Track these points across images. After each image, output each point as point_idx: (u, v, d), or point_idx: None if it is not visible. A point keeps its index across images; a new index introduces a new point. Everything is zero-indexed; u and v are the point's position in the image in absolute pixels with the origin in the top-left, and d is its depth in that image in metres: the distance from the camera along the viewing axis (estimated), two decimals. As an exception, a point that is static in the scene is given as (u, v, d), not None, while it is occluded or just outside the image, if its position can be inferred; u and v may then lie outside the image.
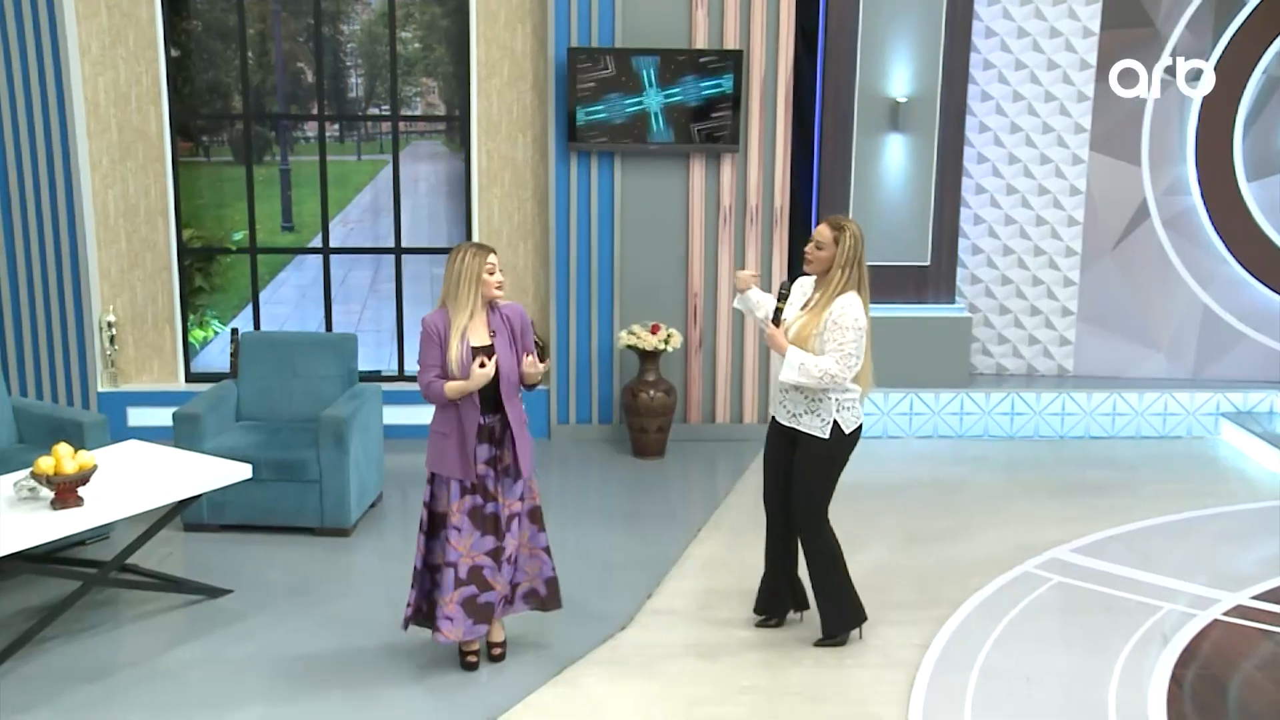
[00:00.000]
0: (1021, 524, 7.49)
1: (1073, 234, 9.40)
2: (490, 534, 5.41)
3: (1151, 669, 5.66)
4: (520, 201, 8.96)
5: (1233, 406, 9.32)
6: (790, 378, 5.45)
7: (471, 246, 5.30)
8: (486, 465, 5.38)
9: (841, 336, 5.41)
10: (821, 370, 5.43)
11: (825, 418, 5.56)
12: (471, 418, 5.31)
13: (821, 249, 5.48)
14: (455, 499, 5.37)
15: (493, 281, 5.32)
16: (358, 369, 7.71)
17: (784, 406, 5.62)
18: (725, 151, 8.66)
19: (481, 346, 5.31)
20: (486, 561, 5.41)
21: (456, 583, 5.37)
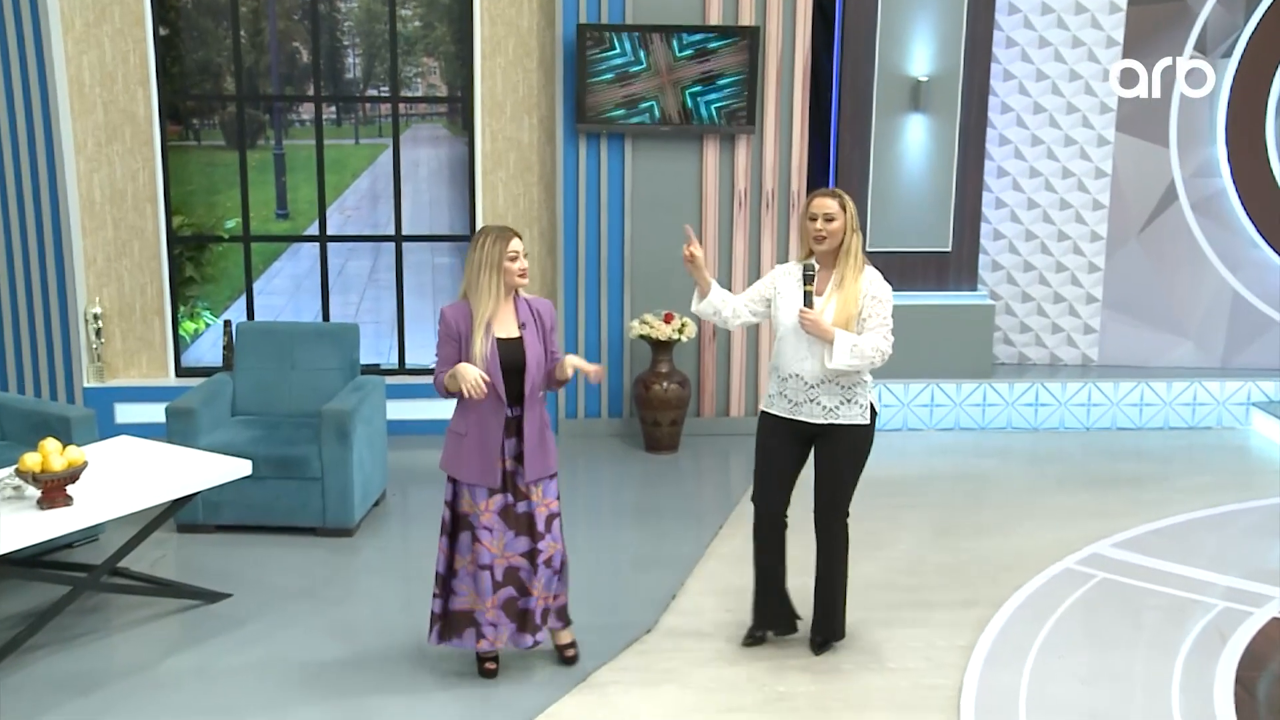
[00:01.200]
0: (1056, 518, 7.15)
1: (1098, 218, 9.06)
2: (524, 534, 5.06)
3: (1214, 671, 5.33)
4: (526, 186, 8.59)
5: (1264, 395, 8.99)
6: (843, 363, 5.07)
7: (493, 231, 4.94)
8: (514, 461, 5.03)
9: (884, 310, 5.17)
10: (874, 349, 5.10)
11: (863, 403, 5.23)
12: (495, 416, 4.97)
13: (833, 220, 5.10)
14: (483, 499, 5.02)
15: (515, 269, 4.94)
16: (359, 361, 7.33)
17: (816, 403, 5.19)
18: (740, 133, 8.30)
19: (509, 339, 4.96)
20: (522, 564, 5.06)
21: (494, 585, 5.03)
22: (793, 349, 5.19)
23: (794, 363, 5.18)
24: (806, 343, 5.14)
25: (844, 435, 5.23)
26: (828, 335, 5.06)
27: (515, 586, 5.06)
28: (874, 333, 5.13)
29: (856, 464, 5.30)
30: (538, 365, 4.98)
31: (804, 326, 5.09)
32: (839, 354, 5.05)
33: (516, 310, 5.01)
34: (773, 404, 5.31)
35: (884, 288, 5.21)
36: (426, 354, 8.89)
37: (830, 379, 5.16)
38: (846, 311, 5.12)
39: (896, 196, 8.67)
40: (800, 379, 5.18)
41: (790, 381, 5.21)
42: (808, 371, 5.16)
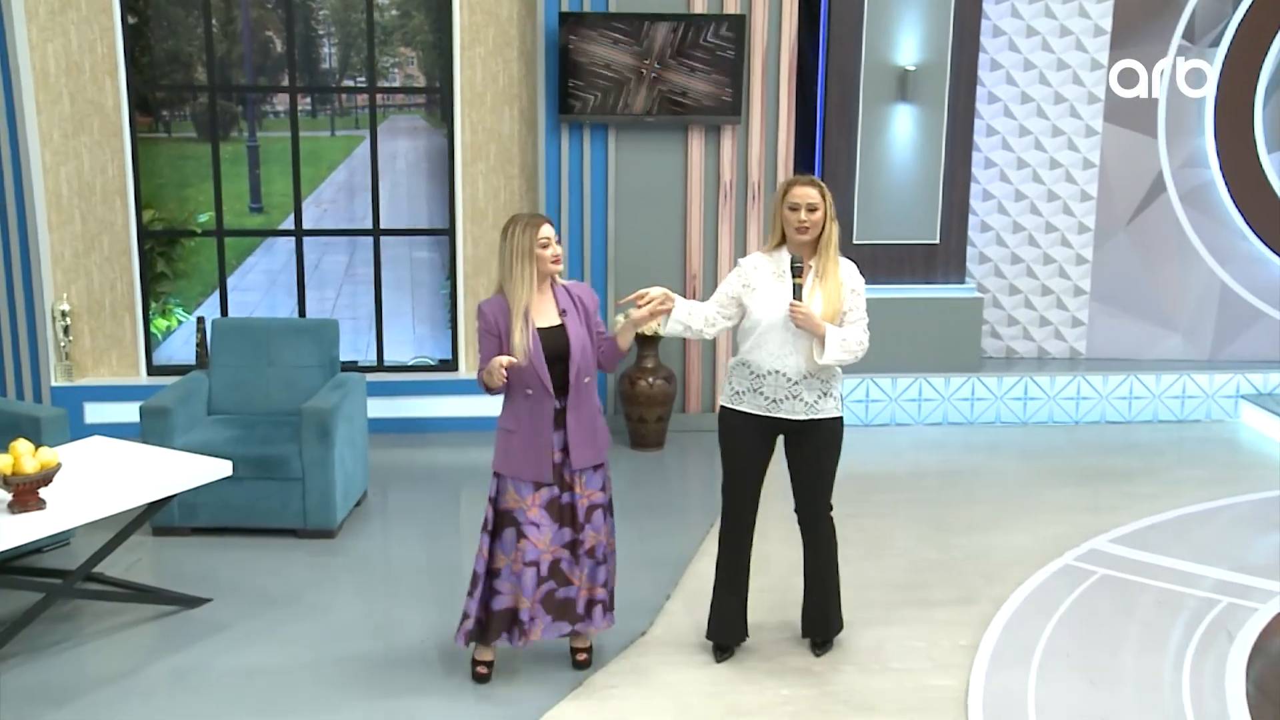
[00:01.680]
0: (1052, 513, 7.04)
1: (1086, 209, 8.96)
2: (567, 525, 4.94)
3: (1223, 670, 5.21)
4: (507, 178, 8.41)
5: (1253, 388, 8.92)
6: (834, 357, 4.92)
7: (522, 219, 4.80)
8: (562, 453, 4.90)
9: (862, 303, 5.06)
10: (858, 342, 4.99)
11: (837, 395, 5.11)
12: (543, 409, 4.83)
13: (815, 210, 4.92)
14: (529, 493, 4.87)
15: (548, 255, 4.80)
16: (339, 358, 7.13)
17: (798, 399, 5.02)
18: (725, 123, 8.14)
19: (551, 328, 4.83)
20: (564, 555, 4.95)
21: (539, 580, 4.90)
22: (776, 344, 5.00)
23: (776, 359, 5.00)
24: (792, 338, 4.96)
25: (822, 429, 5.08)
26: (819, 330, 4.90)
27: (556, 579, 4.94)
28: (855, 325, 5.01)
29: (836, 457, 5.17)
30: (582, 351, 4.85)
31: (796, 322, 4.91)
32: (830, 349, 4.90)
33: (556, 298, 4.89)
34: (741, 400, 5.11)
35: (860, 280, 5.10)
36: (405, 351, 8.70)
37: (814, 374, 5.00)
38: (832, 304, 4.96)
39: (883, 188, 8.54)
40: (782, 375, 5.00)
41: (770, 378, 5.02)
42: (791, 367, 4.99)
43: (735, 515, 5.23)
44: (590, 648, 5.23)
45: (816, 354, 4.92)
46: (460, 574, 6.20)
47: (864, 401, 8.56)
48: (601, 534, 5.00)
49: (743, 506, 5.21)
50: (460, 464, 8.01)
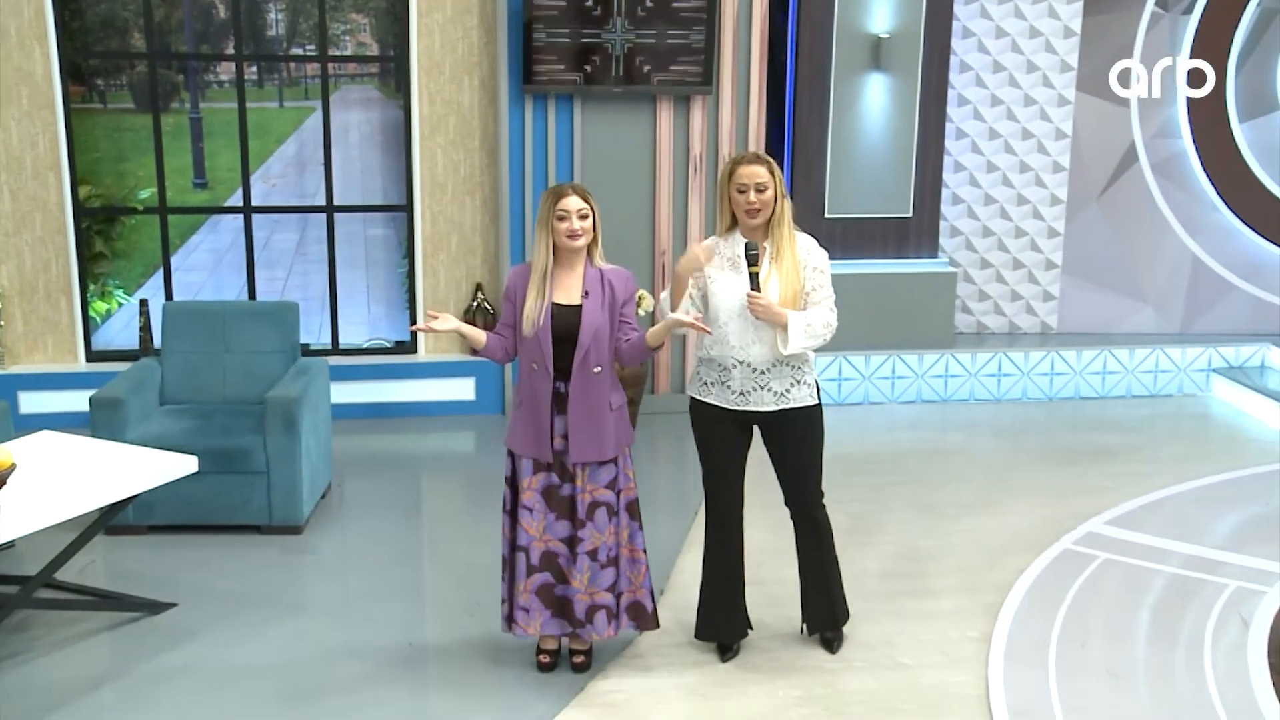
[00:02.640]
0: (1042, 495, 6.86)
1: (1058, 181, 8.79)
2: (565, 518, 4.70)
3: (1244, 658, 5.05)
4: (467, 151, 8.04)
5: (1224, 361, 8.82)
6: (799, 346, 4.66)
7: (552, 188, 4.64)
8: (564, 439, 4.66)
9: (827, 281, 4.79)
10: (824, 324, 4.73)
11: (810, 382, 4.85)
12: (543, 387, 4.62)
13: (765, 190, 4.64)
14: (528, 474, 4.68)
15: (563, 229, 4.56)
16: (299, 342, 6.75)
17: (767, 390, 4.76)
18: (696, 95, 7.84)
19: (567, 305, 4.60)
20: (561, 549, 4.71)
21: (529, 569, 4.69)
22: (738, 335, 4.72)
23: (739, 350, 4.73)
24: (754, 328, 4.69)
25: (799, 418, 4.83)
26: (780, 319, 4.63)
27: (553, 573, 4.72)
28: (820, 307, 4.74)
29: (818, 446, 4.93)
30: (594, 337, 4.58)
31: (755, 313, 4.63)
32: (795, 338, 4.64)
33: (585, 278, 4.63)
34: (710, 393, 4.84)
35: (822, 255, 4.82)
36: (360, 333, 8.32)
37: (781, 362, 4.74)
38: (791, 288, 4.68)
39: (856, 160, 8.29)
40: (748, 366, 4.74)
41: (736, 370, 4.75)
42: (756, 358, 4.72)
43: (721, 510, 4.99)
44: (589, 650, 4.96)
45: (781, 344, 4.66)
46: (436, 567, 5.91)
47: (836, 380, 8.34)
48: (606, 535, 4.73)
49: (728, 501, 4.97)
50: (424, 451, 7.68)
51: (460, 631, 5.24)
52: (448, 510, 6.81)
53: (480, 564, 5.86)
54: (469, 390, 8.11)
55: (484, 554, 6.00)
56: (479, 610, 5.39)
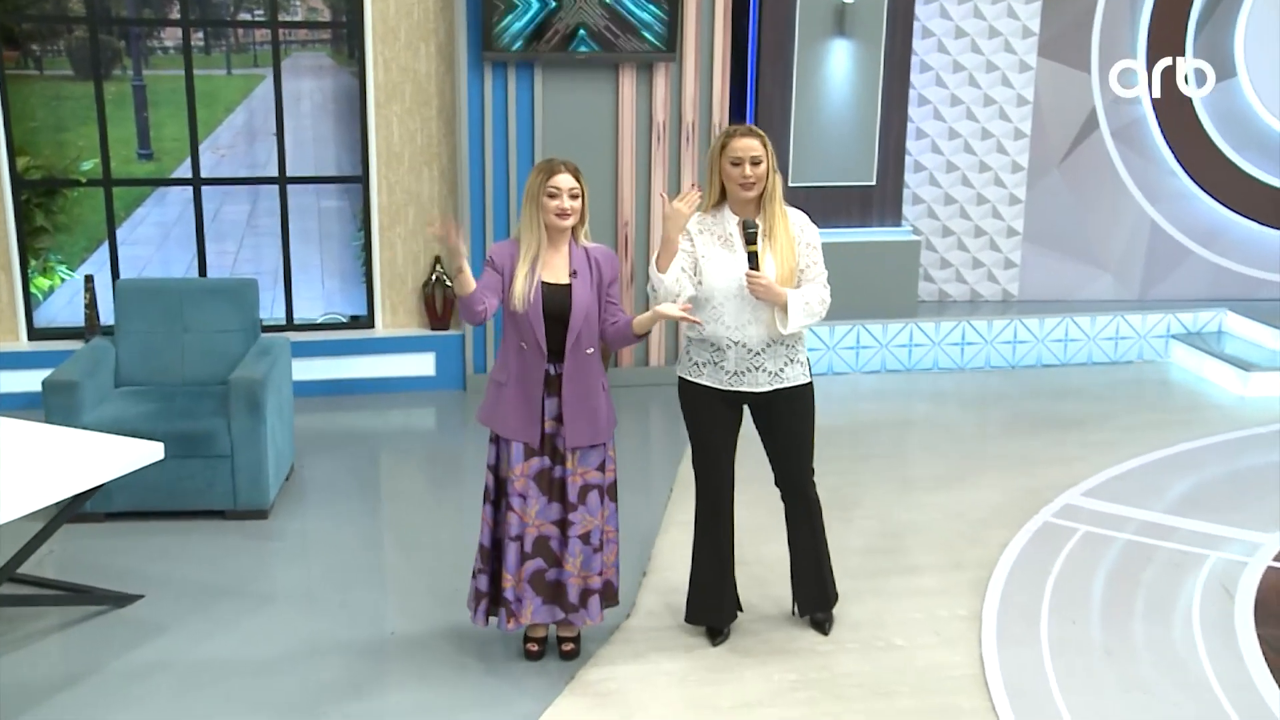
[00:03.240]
0: (1015, 466, 6.83)
1: (1019, 147, 8.74)
2: (556, 501, 4.56)
3: (1233, 631, 5.04)
4: (424, 120, 7.83)
5: (1183, 327, 8.86)
6: (799, 325, 4.56)
7: (543, 163, 4.46)
8: (554, 422, 4.51)
9: (819, 257, 4.69)
10: (821, 302, 4.65)
11: (803, 360, 4.75)
12: (535, 369, 4.46)
13: (760, 163, 4.52)
14: (519, 461, 4.51)
15: (552, 206, 4.39)
16: (260, 320, 6.54)
17: (761, 370, 4.65)
18: (659, 61, 7.68)
19: (556, 285, 4.45)
20: (553, 532, 4.58)
21: (522, 557, 4.54)
22: (734, 315, 4.60)
23: (735, 330, 4.61)
24: (751, 308, 4.58)
25: (790, 398, 4.73)
26: (780, 299, 4.51)
27: (544, 557, 4.59)
28: (815, 284, 4.64)
29: (810, 424, 4.83)
30: (586, 317, 4.45)
31: (755, 293, 4.51)
32: (795, 317, 4.54)
33: (570, 256, 4.48)
34: (701, 373, 4.72)
35: (814, 231, 4.72)
36: (314, 307, 8.10)
37: (776, 341, 4.64)
38: (787, 264, 4.57)
39: (820, 129, 8.18)
40: (743, 347, 4.63)
41: (731, 351, 4.64)
42: (753, 338, 4.62)
43: (712, 491, 4.87)
44: (578, 637, 4.84)
45: (780, 324, 4.55)
46: (408, 551, 5.75)
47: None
48: (597, 519, 4.61)
49: (719, 481, 4.85)
50: (386, 429, 7.50)
51: (441, 619, 5.09)
52: (414, 491, 6.64)
53: (453, 548, 5.72)
54: (429, 366, 7.93)
55: (456, 537, 5.87)
56: (459, 597, 5.23)
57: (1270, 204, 8.97)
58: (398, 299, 7.99)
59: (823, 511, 4.97)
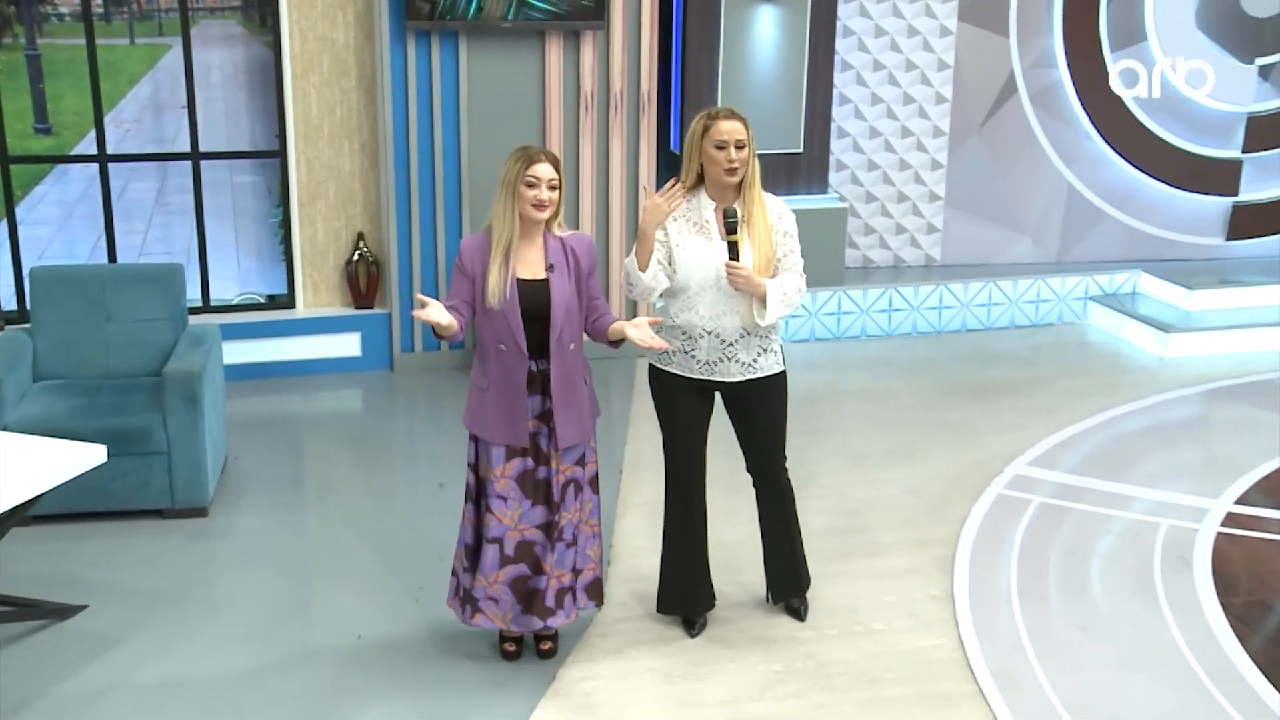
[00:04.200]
0: (960, 437, 6.85)
1: (940, 112, 8.74)
2: (541, 504, 4.40)
3: (1198, 602, 5.12)
4: (344, 92, 7.53)
5: (1100, 289, 8.98)
6: (776, 316, 4.48)
7: (521, 150, 4.24)
8: (538, 421, 4.35)
9: (796, 245, 4.60)
10: (798, 290, 4.57)
11: (777, 349, 4.68)
12: (518, 367, 4.29)
13: (743, 147, 4.42)
14: (500, 462, 4.33)
15: (530, 196, 4.19)
16: (187, 307, 6.24)
17: (734, 361, 4.57)
18: (586, 29, 7.48)
19: (533, 280, 4.26)
20: (537, 536, 4.42)
21: (502, 560, 4.39)
22: (709, 305, 4.50)
23: (710, 320, 4.51)
24: (727, 298, 4.47)
25: (764, 387, 4.66)
26: (759, 290, 4.42)
27: (528, 563, 4.44)
28: (792, 273, 4.56)
29: (784, 410, 4.77)
30: (565, 311, 4.27)
31: (734, 284, 4.41)
32: (773, 308, 4.45)
33: (546, 249, 4.29)
34: (671, 362, 4.62)
35: (791, 218, 4.62)
36: (230, 288, 7.77)
37: (751, 332, 4.55)
38: (764, 254, 4.47)
39: (748, 96, 8.05)
40: (716, 337, 4.53)
41: (704, 340, 4.54)
42: (727, 328, 4.52)
43: (685, 481, 4.77)
44: (556, 635, 4.72)
45: (758, 315, 4.46)
46: (362, 547, 5.55)
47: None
48: (573, 513, 4.48)
49: (691, 471, 4.76)
50: (315, 414, 7.24)
51: (409, 621, 4.92)
52: (353, 481, 6.38)
53: (407, 542, 5.57)
54: (354, 346, 7.67)
55: (407, 530, 5.72)
56: (425, 597, 5.08)
57: (1179, 167, 9.12)
58: (319, 277, 7.71)
59: (795, 498, 4.91)
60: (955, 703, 4.44)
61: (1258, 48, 9.05)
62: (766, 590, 5.04)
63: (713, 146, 4.43)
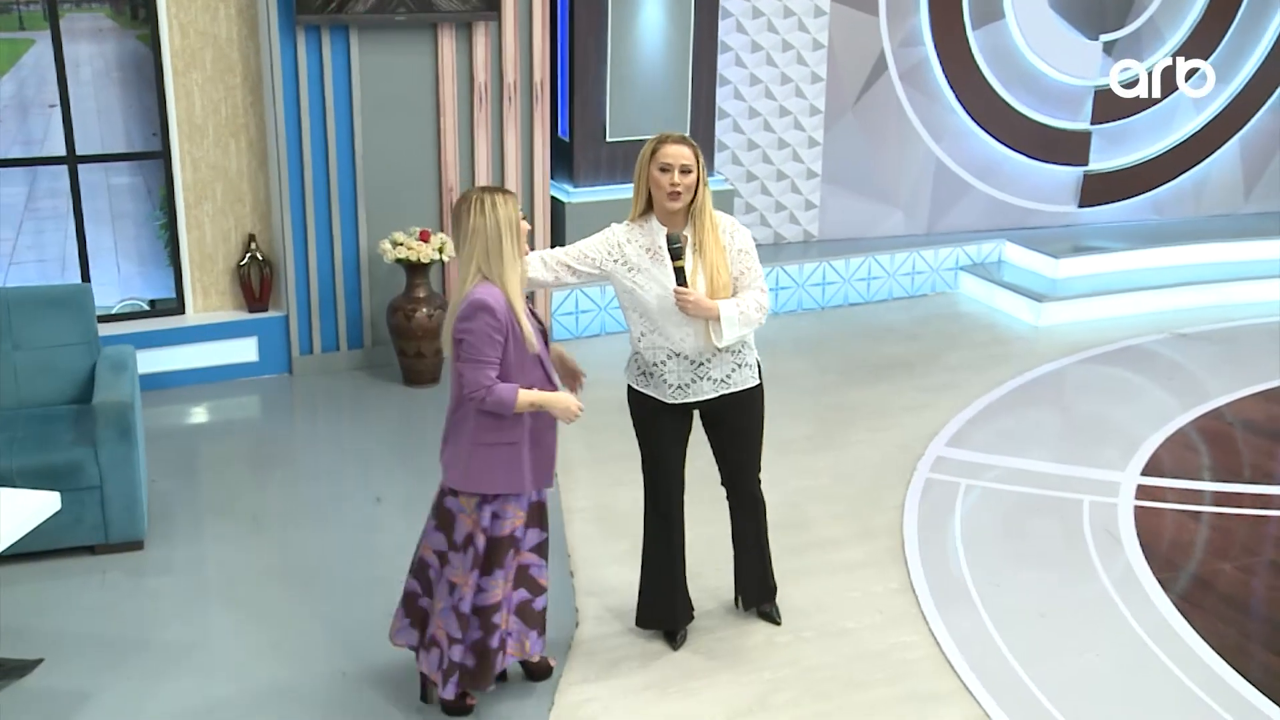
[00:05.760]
0: (874, 419, 7.05)
1: (816, 91, 8.89)
2: (535, 526, 4.40)
3: (1136, 578, 5.42)
4: (228, 89, 7.22)
5: (969, 259, 9.32)
6: (734, 336, 4.51)
7: (491, 191, 4.08)
8: None
9: (755, 263, 4.59)
10: (758, 308, 4.56)
11: (751, 362, 4.73)
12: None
13: (690, 172, 4.44)
14: (525, 509, 4.28)
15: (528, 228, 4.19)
16: (97, 329, 5.94)
17: (706, 380, 4.61)
18: (479, 20, 7.34)
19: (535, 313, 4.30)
20: (534, 559, 4.41)
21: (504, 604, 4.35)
22: (672, 328, 4.52)
23: (676, 343, 4.54)
24: (688, 320, 4.50)
25: (740, 402, 4.72)
26: (711, 312, 4.44)
27: (528, 587, 4.42)
28: (751, 290, 4.56)
29: (761, 423, 4.83)
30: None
31: (685, 310, 4.43)
32: (728, 330, 4.47)
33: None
34: (647, 384, 4.66)
35: (746, 235, 4.61)
36: (110, 294, 7.40)
37: (720, 350, 4.60)
38: (719, 278, 4.48)
39: (636, 83, 8.05)
40: (684, 359, 4.57)
41: (671, 363, 4.58)
42: (690, 350, 4.56)
43: (663, 499, 4.81)
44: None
45: (715, 338, 4.50)
46: (316, 576, 5.41)
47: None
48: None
49: (670, 488, 4.79)
50: (223, 425, 7.02)
51: (386, 651, 4.80)
52: (282, 498, 6.15)
53: (362, 563, 5.49)
54: (251, 351, 7.43)
55: (358, 551, 5.61)
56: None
57: (1035, 139, 9.50)
58: (209, 281, 7.42)
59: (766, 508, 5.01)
60: (944, 701, 4.61)
61: (1103, 25, 9.47)
62: (736, 596, 5.13)
63: (657, 169, 4.43)
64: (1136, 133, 9.79)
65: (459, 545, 4.24)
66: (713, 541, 5.22)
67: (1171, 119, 9.85)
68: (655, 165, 4.43)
